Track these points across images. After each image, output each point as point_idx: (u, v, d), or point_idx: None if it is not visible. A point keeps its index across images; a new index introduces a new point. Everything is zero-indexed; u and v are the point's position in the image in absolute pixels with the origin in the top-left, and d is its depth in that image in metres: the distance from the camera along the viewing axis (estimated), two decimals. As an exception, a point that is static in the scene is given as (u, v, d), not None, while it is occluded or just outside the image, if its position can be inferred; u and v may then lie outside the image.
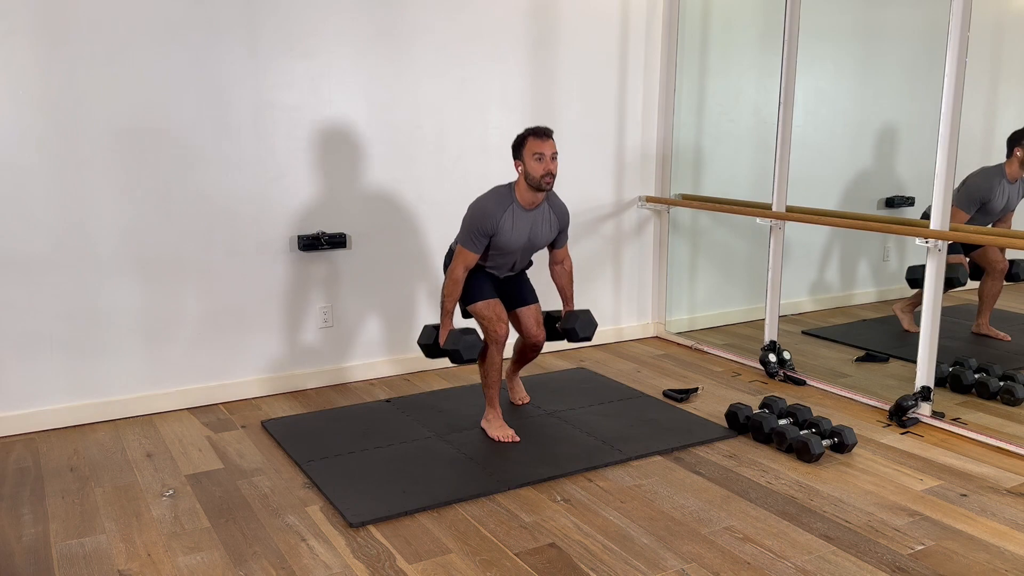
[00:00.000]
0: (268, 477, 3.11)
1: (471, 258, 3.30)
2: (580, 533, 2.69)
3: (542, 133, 3.24)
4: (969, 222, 4.17)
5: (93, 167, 3.48)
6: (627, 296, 4.94)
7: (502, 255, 3.38)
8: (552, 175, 3.23)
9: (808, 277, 5.24)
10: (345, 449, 3.32)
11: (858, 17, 5.04)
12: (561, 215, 3.45)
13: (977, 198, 4.15)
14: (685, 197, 4.82)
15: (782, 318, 4.36)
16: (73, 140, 3.43)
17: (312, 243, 3.92)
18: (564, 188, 4.27)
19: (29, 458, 3.28)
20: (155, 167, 3.59)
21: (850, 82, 5.09)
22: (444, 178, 4.23)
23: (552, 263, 3.58)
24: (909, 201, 5.03)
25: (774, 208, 4.20)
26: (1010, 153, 4.18)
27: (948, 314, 3.74)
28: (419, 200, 4.19)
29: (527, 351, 3.65)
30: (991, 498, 2.93)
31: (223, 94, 3.67)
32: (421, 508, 2.84)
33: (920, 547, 2.61)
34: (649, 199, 4.85)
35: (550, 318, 3.62)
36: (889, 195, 5.09)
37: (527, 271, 3.61)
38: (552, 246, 3.51)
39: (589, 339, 3.56)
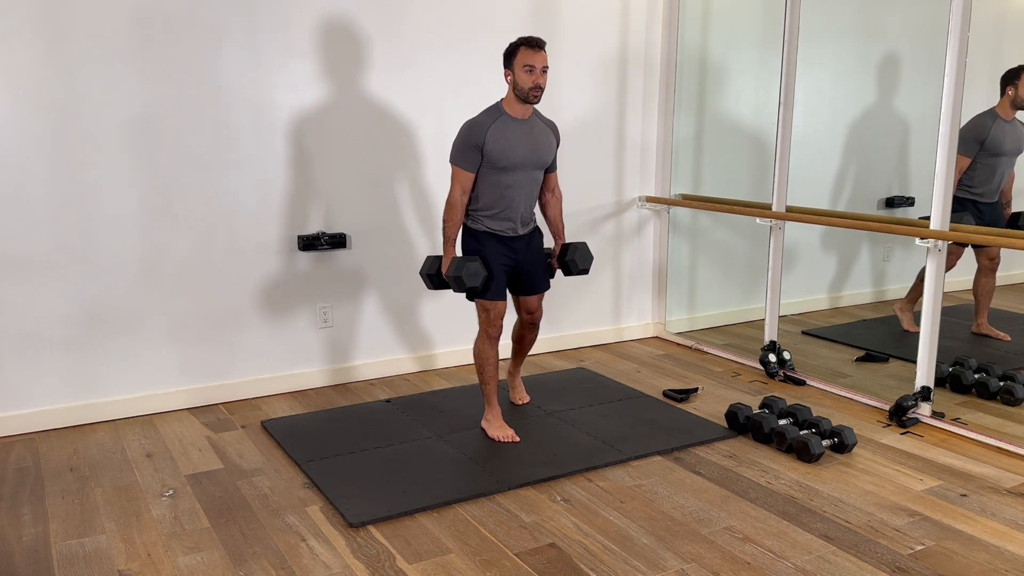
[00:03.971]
0: (268, 477, 3.11)
1: (466, 177, 3.23)
2: (580, 533, 2.69)
3: (534, 44, 3.16)
4: (983, 170, 4.17)
5: (93, 167, 3.48)
6: (627, 296, 4.94)
7: (505, 186, 3.26)
8: (540, 88, 3.18)
9: (808, 277, 5.23)
10: (345, 449, 3.32)
11: (858, 17, 5.04)
12: (552, 126, 3.39)
13: (972, 137, 4.14)
14: (685, 197, 4.82)
15: (782, 318, 4.36)
16: (73, 140, 3.44)
17: (312, 243, 3.92)
18: (564, 188, 4.27)
19: (29, 458, 3.28)
20: (155, 167, 3.59)
21: (850, 82, 5.09)
22: (444, 178, 4.20)
23: (543, 191, 3.49)
24: (909, 201, 5.02)
25: (774, 208, 4.20)
26: (1003, 92, 4.18)
27: (948, 314, 3.73)
28: (419, 200, 4.19)
29: (525, 332, 3.63)
30: (991, 498, 2.93)
31: (223, 94, 3.67)
32: (421, 508, 2.84)
33: (920, 547, 2.61)
34: (649, 199, 4.85)
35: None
36: (889, 195, 5.09)
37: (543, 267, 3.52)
38: (546, 169, 3.43)
39: (586, 271, 3.53)
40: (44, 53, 3.34)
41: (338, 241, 3.98)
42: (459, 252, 3.38)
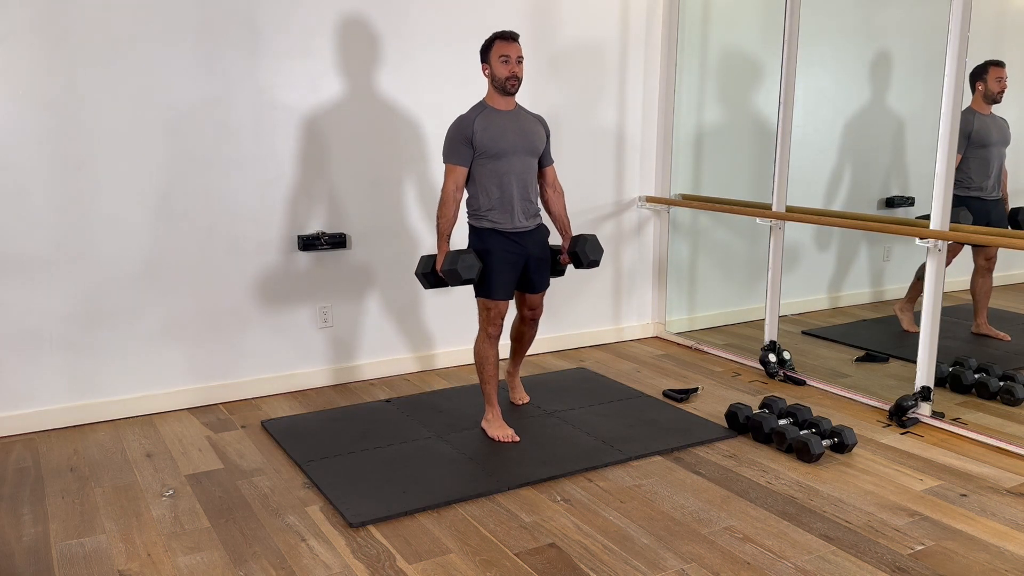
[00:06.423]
0: (268, 477, 3.11)
1: (459, 172, 3.28)
2: (580, 533, 2.69)
3: (508, 36, 3.25)
4: (976, 164, 4.19)
5: (93, 167, 3.49)
6: (627, 296, 4.94)
7: (501, 174, 3.29)
8: (517, 79, 3.24)
9: (808, 277, 5.23)
10: (345, 449, 3.32)
11: (858, 17, 5.04)
12: (540, 118, 3.43)
13: (960, 133, 4.18)
14: (685, 197, 4.82)
15: (782, 318, 4.36)
16: (73, 140, 3.44)
17: (312, 243, 3.92)
18: (565, 188, 4.26)
19: (29, 458, 3.28)
20: (155, 167, 3.59)
21: (850, 82, 5.09)
22: (442, 178, 4.22)
23: (544, 187, 3.52)
24: (909, 201, 5.02)
25: (774, 208, 4.20)
26: (973, 89, 4.20)
27: (948, 314, 3.73)
28: (419, 200, 4.19)
29: (524, 329, 3.64)
30: (991, 498, 2.93)
31: (223, 94, 3.67)
32: (421, 508, 2.84)
33: (920, 547, 2.61)
34: (649, 199, 4.85)
35: (552, 252, 3.55)
36: (889, 195, 5.09)
37: (551, 270, 3.54)
38: (540, 163, 3.45)
39: (597, 263, 3.53)
40: (44, 53, 3.34)
41: (338, 241, 3.98)
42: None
